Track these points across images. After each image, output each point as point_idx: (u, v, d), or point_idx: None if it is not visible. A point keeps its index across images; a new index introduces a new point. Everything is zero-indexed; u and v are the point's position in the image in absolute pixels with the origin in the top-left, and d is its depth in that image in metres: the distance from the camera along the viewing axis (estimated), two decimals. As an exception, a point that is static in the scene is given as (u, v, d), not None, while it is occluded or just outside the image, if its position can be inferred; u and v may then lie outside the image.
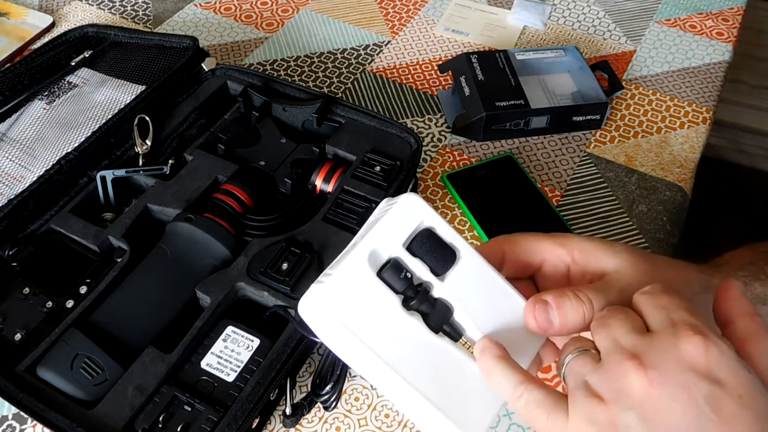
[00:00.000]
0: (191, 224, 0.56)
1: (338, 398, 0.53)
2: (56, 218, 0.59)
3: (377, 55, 0.87)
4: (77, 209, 0.60)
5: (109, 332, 0.51)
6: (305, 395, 0.53)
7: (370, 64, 0.85)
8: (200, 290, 0.53)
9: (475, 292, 0.37)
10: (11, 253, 0.56)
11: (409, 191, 0.64)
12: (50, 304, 0.54)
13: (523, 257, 0.40)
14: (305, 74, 0.84)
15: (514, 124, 0.74)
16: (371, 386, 0.55)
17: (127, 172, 0.62)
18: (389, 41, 0.89)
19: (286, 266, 0.53)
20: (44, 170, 0.60)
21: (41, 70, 0.73)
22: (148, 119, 0.66)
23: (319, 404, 0.53)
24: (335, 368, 0.52)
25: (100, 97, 0.70)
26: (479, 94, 0.74)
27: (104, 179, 0.61)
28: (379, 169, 0.61)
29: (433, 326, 0.36)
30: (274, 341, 0.51)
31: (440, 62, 0.84)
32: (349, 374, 0.54)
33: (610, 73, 0.79)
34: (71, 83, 0.72)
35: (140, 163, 0.64)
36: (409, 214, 0.37)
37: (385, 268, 0.36)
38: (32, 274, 0.56)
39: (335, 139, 0.65)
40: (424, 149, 0.74)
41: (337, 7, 0.95)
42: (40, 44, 0.79)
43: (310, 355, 0.57)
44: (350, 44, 0.88)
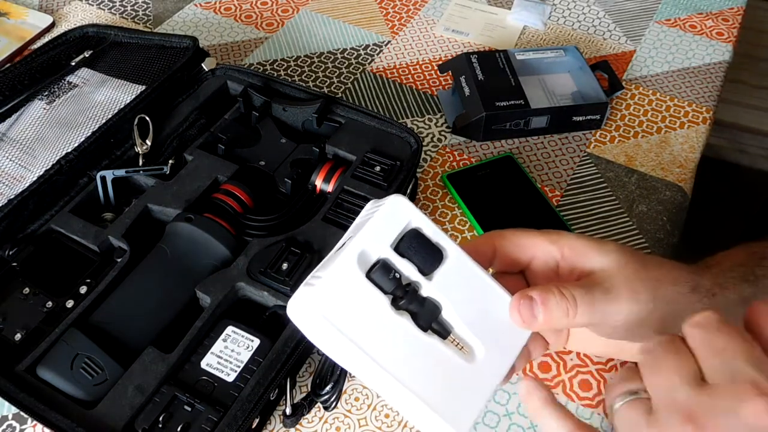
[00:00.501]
0: (191, 224, 0.56)
1: (338, 398, 0.53)
2: (56, 218, 0.59)
3: (377, 55, 0.87)
4: (77, 209, 0.60)
5: (109, 332, 0.51)
6: (305, 395, 0.53)
7: (370, 64, 0.85)
8: (200, 290, 0.53)
9: (462, 290, 0.38)
10: (11, 253, 0.56)
11: (409, 191, 0.65)
12: (50, 304, 0.54)
13: (513, 253, 0.41)
14: (305, 74, 0.84)
15: (514, 124, 0.74)
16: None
17: (127, 172, 0.62)
18: (389, 41, 0.89)
19: (286, 266, 0.53)
20: (44, 170, 0.60)
21: (41, 70, 0.73)
22: (148, 119, 0.66)
23: (319, 404, 0.53)
24: (335, 368, 0.52)
25: (100, 97, 0.70)
26: (479, 94, 0.74)
27: (104, 179, 0.61)
28: (379, 169, 0.61)
29: (422, 325, 0.36)
30: (274, 341, 0.51)
31: (440, 62, 0.84)
32: (349, 374, 0.54)
33: (610, 73, 0.79)
34: (71, 83, 0.72)
35: (140, 163, 0.64)
36: (395, 215, 0.37)
37: (373, 269, 0.36)
38: (32, 274, 0.56)
39: (335, 139, 0.65)
40: (424, 149, 0.74)
41: (337, 7, 0.95)
42: (40, 44, 0.79)
43: (310, 355, 0.57)
44: (350, 44, 0.88)
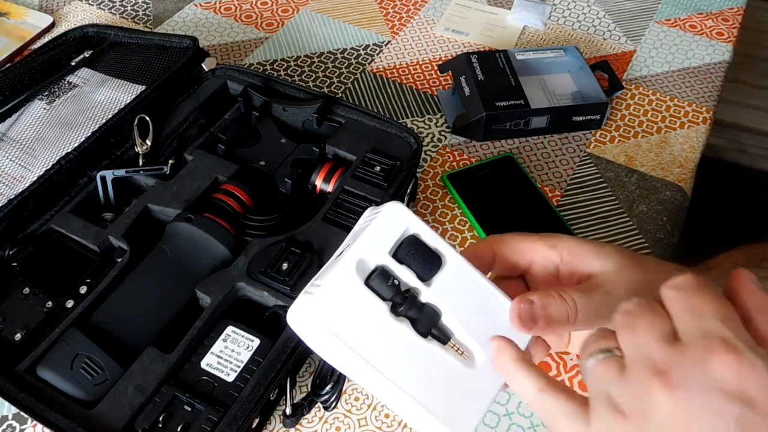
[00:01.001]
0: (191, 224, 0.56)
1: (338, 398, 0.53)
2: (56, 218, 0.59)
3: (377, 55, 0.87)
4: (77, 209, 0.60)
5: (109, 332, 0.51)
6: (305, 395, 0.53)
7: (370, 64, 0.85)
8: (200, 290, 0.53)
9: (461, 295, 0.38)
10: (11, 253, 0.56)
11: (409, 191, 0.65)
12: (50, 304, 0.54)
13: (512, 257, 0.41)
14: (305, 74, 0.84)
15: (514, 124, 0.74)
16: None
17: (127, 172, 0.62)
18: (389, 41, 0.89)
19: (286, 266, 0.53)
20: (44, 170, 0.60)
21: (41, 70, 0.73)
22: (148, 119, 0.66)
23: (319, 404, 0.53)
24: (335, 368, 0.52)
25: (100, 97, 0.70)
26: (479, 94, 0.74)
27: (104, 179, 0.61)
28: (379, 169, 0.61)
29: (421, 331, 0.36)
30: (274, 341, 0.51)
31: (440, 62, 0.84)
32: (349, 374, 0.54)
33: (610, 73, 0.79)
34: (71, 83, 0.72)
35: (140, 163, 0.64)
36: (393, 221, 0.37)
37: (372, 276, 0.36)
38: (32, 274, 0.56)
39: (335, 139, 0.65)
40: (424, 149, 0.74)
41: (337, 7, 0.95)
42: (40, 44, 0.79)
43: (310, 355, 0.56)
44: (350, 44, 0.88)
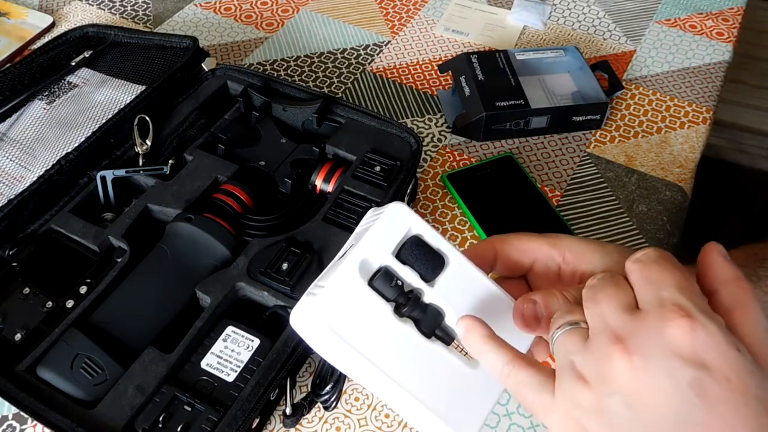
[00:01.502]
0: (191, 224, 0.56)
1: (338, 398, 0.53)
2: (56, 218, 0.59)
3: (377, 55, 0.87)
4: (77, 209, 0.60)
5: (109, 332, 0.51)
6: (305, 395, 0.53)
7: (370, 64, 0.85)
8: (200, 290, 0.53)
9: (464, 295, 0.38)
10: (11, 253, 0.56)
11: (409, 191, 0.65)
12: (50, 304, 0.54)
13: (514, 257, 0.41)
14: (305, 74, 0.84)
15: (514, 124, 0.74)
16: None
17: (127, 172, 0.62)
18: (389, 41, 0.89)
19: (286, 266, 0.53)
20: (44, 170, 0.60)
21: (41, 70, 0.73)
22: (148, 119, 0.66)
23: (319, 404, 0.53)
24: (335, 368, 0.52)
25: (100, 97, 0.70)
26: (479, 94, 0.74)
27: (104, 179, 0.61)
28: (379, 169, 0.61)
29: (425, 331, 0.36)
30: (274, 341, 0.51)
31: (440, 62, 0.84)
32: (349, 374, 0.54)
33: (610, 73, 0.79)
34: (71, 83, 0.72)
35: (140, 163, 0.64)
36: (396, 222, 0.37)
37: (375, 277, 0.36)
38: (32, 274, 0.56)
39: (335, 139, 0.65)
40: (424, 149, 0.74)
41: (337, 7, 0.95)
42: (40, 44, 0.79)
43: (310, 355, 0.56)
44: (350, 44, 0.88)
